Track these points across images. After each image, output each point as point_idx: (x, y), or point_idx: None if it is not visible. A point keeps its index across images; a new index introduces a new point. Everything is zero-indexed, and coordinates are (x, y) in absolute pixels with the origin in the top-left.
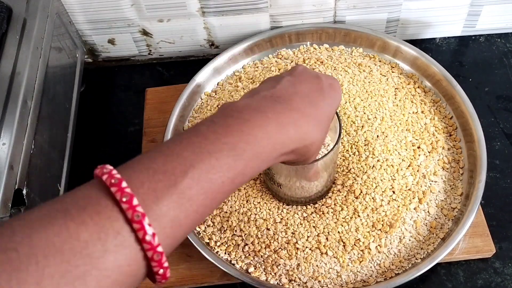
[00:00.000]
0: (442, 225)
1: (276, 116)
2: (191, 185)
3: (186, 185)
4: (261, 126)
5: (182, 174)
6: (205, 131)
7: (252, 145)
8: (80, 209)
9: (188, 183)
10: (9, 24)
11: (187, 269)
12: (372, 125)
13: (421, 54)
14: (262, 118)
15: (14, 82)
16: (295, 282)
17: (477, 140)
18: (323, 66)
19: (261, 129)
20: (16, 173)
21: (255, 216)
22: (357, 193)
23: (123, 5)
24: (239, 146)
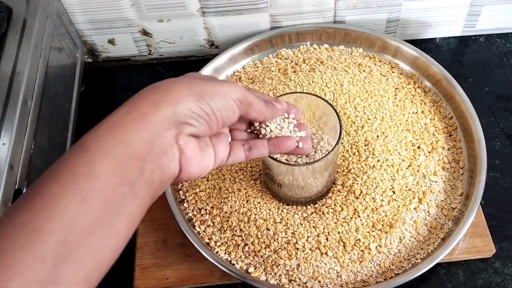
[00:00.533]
0: (442, 225)
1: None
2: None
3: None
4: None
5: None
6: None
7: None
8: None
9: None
10: (9, 24)
11: (187, 269)
12: (372, 125)
13: (421, 54)
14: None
15: (14, 82)
16: (295, 282)
17: (477, 140)
18: (323, 66)
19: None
20: (16, 173)
21: (255, 216)
22: (357, 193)
23: (123, 5)
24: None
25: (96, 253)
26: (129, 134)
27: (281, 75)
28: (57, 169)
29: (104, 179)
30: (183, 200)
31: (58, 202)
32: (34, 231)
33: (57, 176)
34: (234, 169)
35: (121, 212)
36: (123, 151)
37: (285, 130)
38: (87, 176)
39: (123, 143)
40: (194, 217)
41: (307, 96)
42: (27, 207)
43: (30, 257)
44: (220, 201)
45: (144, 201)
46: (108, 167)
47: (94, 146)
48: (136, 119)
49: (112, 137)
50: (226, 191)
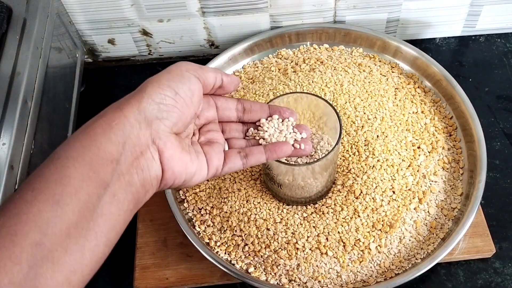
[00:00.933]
0: (442, 225)
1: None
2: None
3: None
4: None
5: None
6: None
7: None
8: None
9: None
10: (9, 24)
11: (187, 269)
12: (372, 125)
13: (421, 54)
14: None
15: (14, 82)
16: (295, 282)
17: (477, 140)
18: (323, 66)
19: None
20: (16, 173)
21: (255, 216)
22: (357, 193)
23: (123, 5)
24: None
25: (74, 255)
26: (98, 139)
27: (281, 75)
28: (31, 178)
29: (77, 182)
30: (183, 200)
31: (32, 207)
32: (9, 234)
33: (31, 183)
34: None
35: (99, 215)
36: (94, 155)
37: (284, 133)
38: (59, 181)
39: (93, 148)
40: (194, 217)
41: (307, 96)
42: (2, 213)
43: (6, 259)
44: (220, 201)
45: (124, 203)
46: (79, 171)
47: (65, 154)
48: (103, 124)
49: (82, 144)
50: (226, 191)
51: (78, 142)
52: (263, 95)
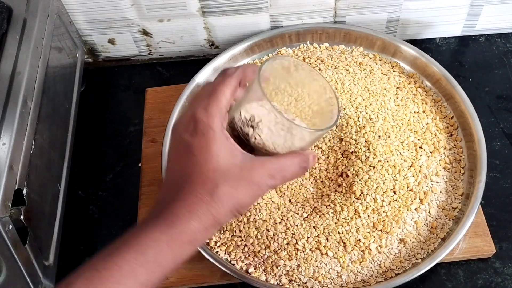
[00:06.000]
0: (443, 225)
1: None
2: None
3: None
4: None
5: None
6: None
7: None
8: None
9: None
10: (9, 24)
11: (187, 269)
12: (374, 125)
13: (421, 54)
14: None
15: (14, 82)
16: (295, 282)
17: (477, 140)
18: (324, 65)
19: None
20: (16, 173)
21: (254, 217)
22: (358, 194)
23: (123, 5)
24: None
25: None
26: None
27: None
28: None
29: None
30: None
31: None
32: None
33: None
34: None
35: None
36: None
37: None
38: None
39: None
40: None
41: (305, 70)
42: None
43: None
44: None
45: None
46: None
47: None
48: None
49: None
50: None
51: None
52: None
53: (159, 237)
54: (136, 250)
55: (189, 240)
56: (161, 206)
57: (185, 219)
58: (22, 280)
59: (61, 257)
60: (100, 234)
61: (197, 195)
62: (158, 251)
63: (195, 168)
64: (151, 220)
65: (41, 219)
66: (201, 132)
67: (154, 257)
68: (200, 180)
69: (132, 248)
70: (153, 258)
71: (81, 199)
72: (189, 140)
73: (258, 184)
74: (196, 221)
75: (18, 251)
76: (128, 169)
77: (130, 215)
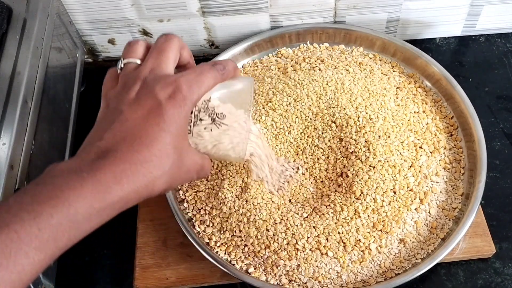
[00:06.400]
0: (443, 225)
1: (93, 174)
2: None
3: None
4: (73, 188)
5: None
6: (11, 201)
7: (62, 208)
8: None
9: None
10: (9, 24)
11: (187, 269)
12: (374, 125)
13: (421, 54)
14: (76, 179)
15: (14, 82)
16: (295, 282)
17: (477, 140)
18: (324, 65)
19: (73, 191)
20: (16, 173)
21: (254, 217)
22: (358, 194)
23: (123, 5)
24: (44, 212)
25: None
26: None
27: (280, 74)
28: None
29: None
30: (183, 200)
31: (64, 192)
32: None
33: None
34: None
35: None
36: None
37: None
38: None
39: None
40: (194, 217)
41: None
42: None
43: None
44: (220, 202)
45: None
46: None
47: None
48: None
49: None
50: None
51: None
52: (262, 94)
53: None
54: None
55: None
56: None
57: (108, 185)
58: None
59: (61, 257)
60: (100, 234)
61: (139, 167)
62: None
63: (157, 133)
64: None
65: None
66: (178, 103)
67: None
68: (156, 150)
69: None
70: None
71: None
72: (163, 101)
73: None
74: (117, 191)
75: None
76: None
77: (130, 215)
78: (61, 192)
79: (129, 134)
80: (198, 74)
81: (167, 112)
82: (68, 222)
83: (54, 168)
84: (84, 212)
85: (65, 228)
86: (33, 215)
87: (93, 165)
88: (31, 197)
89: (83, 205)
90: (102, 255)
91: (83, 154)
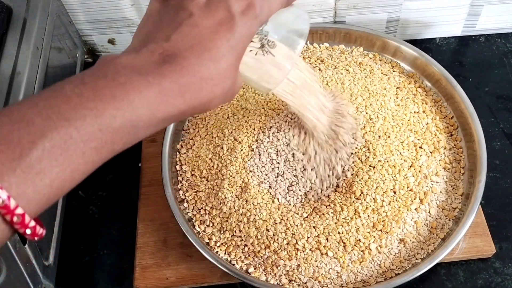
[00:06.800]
0: (443, 225)
1: (159, 80)
2: (41, 157)
3: (34, 158)
4: (139, 91)
5: (29, 145)
6: (69, 92)
7: (125, 112)
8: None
9: (37, 155)
10: (9, 24)
11: (187, 269)
12: (374, 125)
13: (421, 54)
14: (141, 82)
15: (14, 82)
16: (295, 282)
17: (477, 140)
18: (324, 65)
19: (139, 94)
20: None
21: (254, 217)
22: (358, 194)
23: (123, 5)
24: (107, 113)
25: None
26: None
27: None
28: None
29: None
30: (183, 200)
31: (129, 94)
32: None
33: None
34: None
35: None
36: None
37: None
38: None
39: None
40: (194, 217)
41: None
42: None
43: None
44: (220, 202)
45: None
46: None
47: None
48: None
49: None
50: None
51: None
52: (262, 94)
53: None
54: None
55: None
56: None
57: (173, 95)
58: (22, 280)
59: (61, 257)
60: (100, 234)
61: (204, 83)
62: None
63: (226, 49)
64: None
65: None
66: (250, 21)
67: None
68: (222, 68)
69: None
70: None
71: (81, 199)
72: (236, 16)
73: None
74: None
75: (18, 251)
76: (128, 169)
77: (130, 215)
78: (126, 93)
79: (198, 43)
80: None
81: (238, 28)
82: (129, 127)
83: (114, 61)
84: (146, 120)
85: (124, 132)
86: (95, 113)
87: (159, 70)
88: (92, 91)
89: (146, 112)
90: (102, 255)
91: (146, 52)
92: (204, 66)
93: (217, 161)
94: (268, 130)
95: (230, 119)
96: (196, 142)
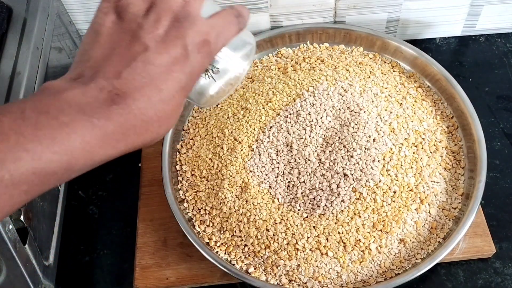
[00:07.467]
0: (443, 225)
1: (104, 123)
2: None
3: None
4: (81, 135)
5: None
6: (7, 129)
7: (62, 156)
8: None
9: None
10: (9, 24)
11: (187, 269)
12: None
13: (421, 54)
14: (84, 124)
15: (14, 82)
16: (295, 282)
17: (477, 140)
18: (324, 65)
19: (80, 138)
20: None
21: (254, 217)
22: (358, 194)
23: None
24: (44, 157)
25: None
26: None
27: (280, 74)
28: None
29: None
30: (183, 200)
31: (70, 136)
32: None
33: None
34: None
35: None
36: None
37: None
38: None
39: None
40: (194, 217)
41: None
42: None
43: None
44: (220, 202)
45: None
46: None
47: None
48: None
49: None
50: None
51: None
52: (262, 94)
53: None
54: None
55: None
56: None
57: (116, 139)
58: (22, 280)
59: (61, 257)
60: (100, 234)
61: (150, 126)
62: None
63: (177, 91)
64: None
65: (41, 219)
66: (203, 58)
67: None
68: (170, 110)
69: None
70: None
71: (81, 199)
72: (191, 54)
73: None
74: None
75: (18, 251)
76: (128, 169)
77: (130, 215)
78: (67, 136)
79: (150, 83)
80: (226, 23)
81: (192, 68)
82: (64, 170)
83: (59, 96)
84: (82, 163)
85: (58, 174)
86: (31, 156)
87: (106, 111)
88: (32, 130)
89: (84, 155)
90: (102, 255)
91: (94, 88)
92: (152, 109)
93: (217, 161)
94: (268, 130)
95: (230, 119)
96: (196, 142)
